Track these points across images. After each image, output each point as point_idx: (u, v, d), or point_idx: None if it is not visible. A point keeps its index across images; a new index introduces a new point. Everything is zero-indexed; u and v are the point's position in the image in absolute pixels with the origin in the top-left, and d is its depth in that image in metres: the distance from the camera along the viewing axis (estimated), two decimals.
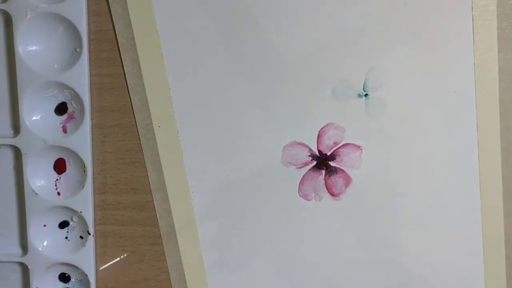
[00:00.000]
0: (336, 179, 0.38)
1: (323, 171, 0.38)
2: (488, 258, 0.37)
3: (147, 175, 0.39)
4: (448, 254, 0.38)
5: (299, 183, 0.38)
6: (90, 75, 0.38)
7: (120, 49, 0.37)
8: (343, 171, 0.38)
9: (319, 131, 0.37)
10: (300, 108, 0.37)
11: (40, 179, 0.39)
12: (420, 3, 0.35)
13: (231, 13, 0.36)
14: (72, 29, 0.37)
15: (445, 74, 0.36)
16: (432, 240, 0.38)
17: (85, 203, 0.39)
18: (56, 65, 0.38)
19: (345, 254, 0.39)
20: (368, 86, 0.36)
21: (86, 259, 0.40)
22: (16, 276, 0.41)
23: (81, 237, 0.40)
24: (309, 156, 0.38)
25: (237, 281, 0.40)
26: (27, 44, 0.37)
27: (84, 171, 0.38)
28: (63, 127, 0.38)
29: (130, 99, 0.38)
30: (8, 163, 0.40)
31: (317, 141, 0.37)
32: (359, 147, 0.37)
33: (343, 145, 0.37)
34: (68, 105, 0.38)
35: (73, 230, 0.40)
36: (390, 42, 0.36)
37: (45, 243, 0.40)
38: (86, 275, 0.40)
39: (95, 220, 0.40)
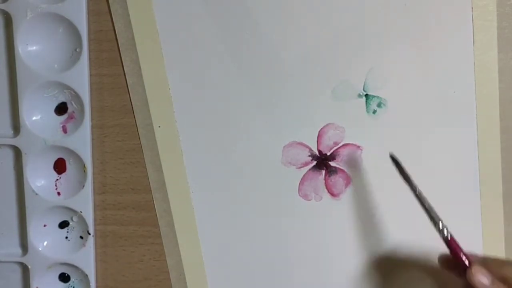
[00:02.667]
0: (336, 179, 0.38)
1: (323, 171, 0.38)
2: None
3: (147, 175, 0.39)
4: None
5: (299, 183, 0.38)
6: (90, 75, 0.38)
7: (120, 49, 0.37)
8: (343, 171, 0.38)
9: (319, 131, 0.37)
10: (300, 108, 0.37)
11: (40, 179, 0.39)
12: (420, 3, 0.35)
13: (231, 13, 0.36)
14: (72, 29, 0.37)
15: (445, 74, 0.36)
16: (432, 240, 0.38)
17: (85, 203, 0.39)
18: (56, 65, 0.38)
19: (345, 254, 0.39)
20: (368, 86, 0.36)
21: (86, 259, 0.40)
22: (16, 276, 0.41)
23: (81, 237, 0.40)
24: (309, 156, 0.38)
25: (237, 281, 0.40)
26: (27, 44, 0.37)
27: (84, 171, 0.38)
28: (63, 127, 0.38)
29: (130, 99, 0.38)
30: (8, 163, 0.40)
31: (317, 141, 0.37)
32: (359, 147, 0.37)
33: (343, 145, 0.37)
34: (68, 105, 0.38)
35: (73, 230, 0.40)
36: (390, 42, 0.36)
37: (45, 243, 0.40)
38: (86, 275, 0.40)
39: (95, 220, 0.40)
